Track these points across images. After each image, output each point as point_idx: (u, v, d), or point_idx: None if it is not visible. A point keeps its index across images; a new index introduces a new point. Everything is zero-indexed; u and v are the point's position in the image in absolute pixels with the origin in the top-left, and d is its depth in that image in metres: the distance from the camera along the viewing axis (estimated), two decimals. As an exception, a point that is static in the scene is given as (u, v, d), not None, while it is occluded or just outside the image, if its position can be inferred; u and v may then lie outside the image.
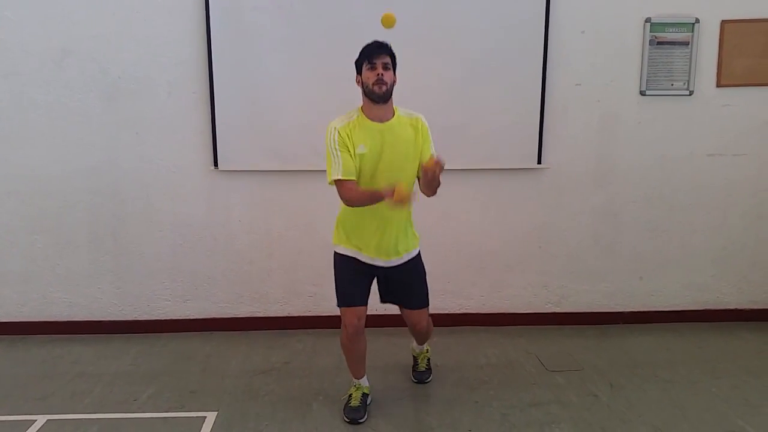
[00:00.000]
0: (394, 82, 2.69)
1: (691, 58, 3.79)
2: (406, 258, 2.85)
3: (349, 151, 2.62)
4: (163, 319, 3.96)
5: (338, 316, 3.91)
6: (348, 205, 2.71)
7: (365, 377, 3.00)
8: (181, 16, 3.65)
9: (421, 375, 3.26)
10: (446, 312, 3.99)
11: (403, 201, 2.43)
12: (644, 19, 3.76)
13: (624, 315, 4.08)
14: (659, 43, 3.78)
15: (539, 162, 3.87)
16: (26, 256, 3.85)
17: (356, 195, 2.62)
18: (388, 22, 2.58)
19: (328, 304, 4.00)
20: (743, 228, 4.02)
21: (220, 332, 3.94)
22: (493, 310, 4.04)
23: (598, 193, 3.96)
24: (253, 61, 3.68)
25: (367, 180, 2.67)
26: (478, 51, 3.72)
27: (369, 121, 2.67)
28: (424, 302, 2.97)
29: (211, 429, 2.77)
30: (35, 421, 2.84)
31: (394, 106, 2.75)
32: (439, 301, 3.93)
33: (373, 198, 2.57)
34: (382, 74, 2.61)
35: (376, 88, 2.61)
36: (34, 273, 3.87)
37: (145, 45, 3.67)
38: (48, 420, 2.85)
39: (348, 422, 2.82)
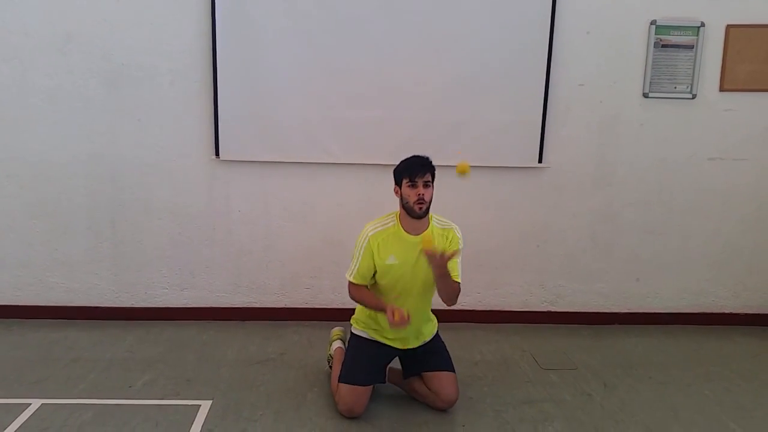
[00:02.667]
0: (432, 196, 2.73)
1: (695, 62, 3.80)
2: (427, 340, 2.99)
3: (372, 259, 2.74)
4: (160, 306, 3.96)
5: (336, 309, 3.94)
6: (352, 299, 2.89)
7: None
8: (186, 3, 3.64)
9: None
10: (442, 308, 3.99)
11: (400, 326, 2.58)
12: (649, 22, 3.76)
13: (619, 316, 4.10)
14: (664, 45, 3.78)
15: (540, 161, 3.87)
16: (24, 241, 3.85)
17: (361, 298, 2.82)
18: (462, 170, 2.64)
19: (325, 297, 4.01)
20: (741, 233, 4.04)
21: (216, 321, 3.94)
22: (489, 307, 4.05)
23: (598, 193, 3.97)
24: (256, 51, 3.67)
25: (397, 288, 2.79)
26: (482, 49, 3.72)
27: (404, 233, 2.74)
28: (451, 366, 2.91)
29: (206, 417, 2.78)
30: (30, 404, 2.84)
31: (429, 214, 2.80)
32: (435, 297, 3.92)
33: (376, 307, 2.74)
34: (422, 194, 2.66)
35: (416, 207, 2.67)
36: (32, 258, 3.87)
37: (148, 32, 3.66)
38: (43, 404, 2.85)
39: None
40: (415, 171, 2.67)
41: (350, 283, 2.86)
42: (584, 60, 3.80)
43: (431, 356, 2.95)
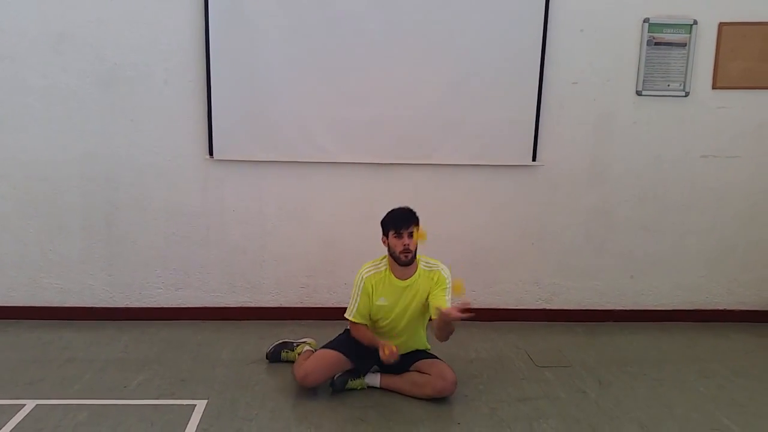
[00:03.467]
0: (416, 244, 2.93)
1: (687, 60, 3.81)
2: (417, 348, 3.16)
3: (369, 297, 2.97)
4: (154, 307, 3.95)
5: (330, 308, 3.94)
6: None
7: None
8: (180, 3, 3.63)
9: None
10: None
11: (390, 360, 2.83)
12: (642, 20, 3.77)
13: (614, 313, 4.11)
14: (657, 43, 3.79)
15: (534, 159, 3.88)
16: (18, 241, 3.84)
17: (358, 335, 3.01)
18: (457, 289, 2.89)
19: (320, 296, 4.01)
20: (735, 230, 4.05)
21: (211, 321, 3.94)
22: (484, 305, 4.05)
23: (592, 191, 3.98)
24: (250, 50, 3.67)
25: (386, 321, 3.02)
26: (476, 47, 3.73)
27: (394, 278, 2.98)
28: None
29: (201, 417, 2.77)
30: (24, 405, 2.83)
31: (417, 256, 2.99)
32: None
33: (371, 343, 2.93)
34: (407, 244, 2.87)
35: (402, 256, 2.90)
36: (26, 258, 3.86)
37: (142, 31, 3.65)
38: (37, 405, 2.84)
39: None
40: (399, 224, 2.88)
41: (351, 322, 3.05)
42: (578, 58, 3.81)
43: (423, 353, 3.13)
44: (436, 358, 3.11)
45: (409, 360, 3.05)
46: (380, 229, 3.00)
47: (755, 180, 3.99)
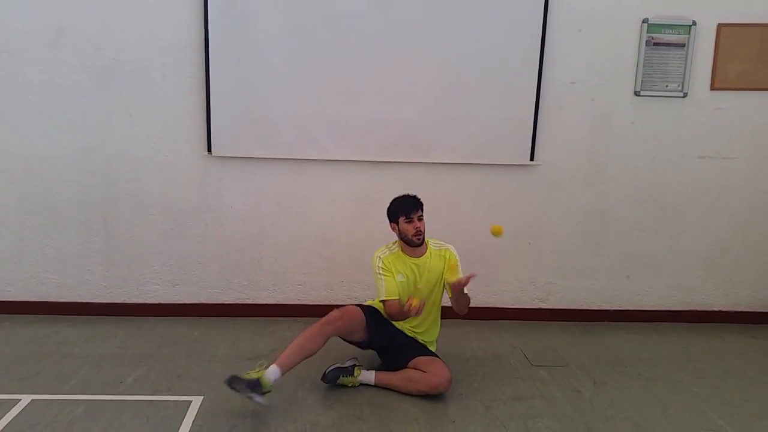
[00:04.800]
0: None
1: (686, 60, 3.81)
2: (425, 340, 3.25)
3: (392, 274, 3.09)
4: (151, 302, 3.96)
5: (327, 305, 3.93)
6: (392, 318, 3.12)
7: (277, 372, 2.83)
8: (179, -1, 3.63)
9: None
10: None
11: (414, 311, 2.89)
12: (641, 20, 3.77)
13: (609, 313, 4.13)
14: (655, 44, 3.80)
15: (532, 159, 3.89)
16: (15, 236, 3.84)
17: (395, 311, 3.05)
18: (497, 231, 3.04)
19: (317, 293, 4.02)
20: (730, 231, 4.07)
21: (208, 317, 3.94)
22: (480, 304, 4.04)
23: (589, 191, 3.99)
24: (249, 46, 3.66)
25: (403, 298, 3.09)
26: (474, 46, 3.73)
27: (406, 257, 3.15)
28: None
29: (197, 413, 2.78)
30: (20, 400, 2.83)
31: (426, 239, 3.17)
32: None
33: (402, 314, 3.00)
34: (419, 227, 3.09)
35: (415, 239, 3.09)
36: (23, 252, 3.86)
37: (141, 27, 3.64)
38: (33, 400, 2.84)
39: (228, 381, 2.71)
40: (410, 209, 3.08)
41: (385, 302, 3.09)
42: (576, 58, 3.81)
43: (423, 348, 3.18)
44: (436, 357, 3.13)
45: (408, 355, 3.08)
46: (377, 227, 3.05)
47: (752, 181, 4.00)
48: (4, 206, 3.80)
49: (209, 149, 3.77)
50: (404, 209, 3.09)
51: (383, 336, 3.12)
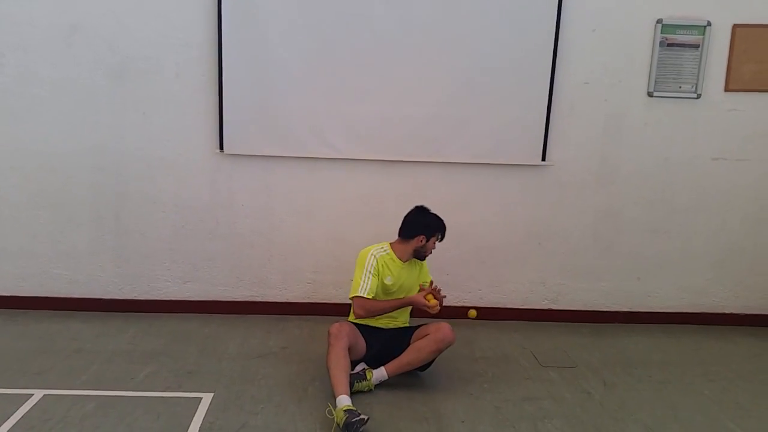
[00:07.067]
0: None
1: (700, 61, 3.79)
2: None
3: (378, 277, 3.14)
4: (162, 299, 3.98)
5: (337, 304, 3.95)
6: (358, 316, 3.11)
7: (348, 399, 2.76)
8: (192, -3, 3.64)
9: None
10: (446, 304, 4.00)
11: (435, 305, 3.03)
12: (656, 21, 3.75)
13: (620, 315, 4.11)
14: (669, 44, 3.77)
15: (543, 159, 3.88)
16: (28, 232, 3.86)
17: (375, 307, 3.11)
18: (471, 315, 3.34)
19: (326, 291, 4.03)
20: (743, 233, 4.04)
21: (218, 315, 3.96)
22: (490, 304, 4.06)
23: (601, 192, 3.97)
24: (262, 45, 3.67)
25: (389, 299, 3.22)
26: (487, 45, 3.72)
27: (397, 260, 3.23)
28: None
29: (207, 410, 2.79)
30: (32, 395, 2.85)
31: None
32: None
33: (391, 307, 3.12)
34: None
35: (428, 254, 3.28)
36: (36, 248, 3.89)
37: (154, 24, 3.66)
38: (45, 395, 2.86)
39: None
40: (444, 233, 3.25)
41: (361, 298, 3.08)
42: (589, 58, 3.80)
43: (409, 329, 3.25)
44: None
45: (405, 339, 3.13)
46: (387, 226, 3.11)
47: (764, 183, 3.97)
48: (17, 202, 3.83)
49: (221, 147, 3.79)
50: (442, 231, 3.24)
51: (376, 337, 3.15)
